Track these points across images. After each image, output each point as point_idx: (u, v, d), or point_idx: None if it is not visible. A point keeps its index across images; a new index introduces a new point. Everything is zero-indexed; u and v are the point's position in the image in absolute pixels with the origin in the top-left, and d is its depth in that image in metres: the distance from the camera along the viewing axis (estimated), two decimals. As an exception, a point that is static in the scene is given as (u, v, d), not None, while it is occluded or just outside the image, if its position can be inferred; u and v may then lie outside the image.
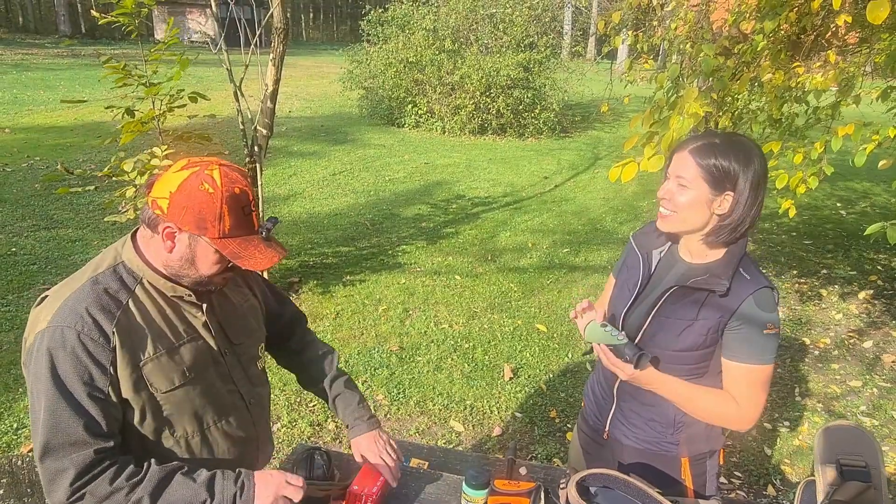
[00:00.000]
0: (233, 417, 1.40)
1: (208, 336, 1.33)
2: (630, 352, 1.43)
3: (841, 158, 3.92)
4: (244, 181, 1.21)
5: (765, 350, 1.42)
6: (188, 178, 1.16)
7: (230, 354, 1.39)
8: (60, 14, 32.57)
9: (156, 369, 1.23)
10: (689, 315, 1.46)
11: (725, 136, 1.44)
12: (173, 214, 1.17)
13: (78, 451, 1.14)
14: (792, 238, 6.53)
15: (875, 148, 2.73)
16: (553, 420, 3.36)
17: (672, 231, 1.51)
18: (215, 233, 1.18)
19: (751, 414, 1.46)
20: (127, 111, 3.75)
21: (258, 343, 1.50)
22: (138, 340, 1.21)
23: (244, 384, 1.43)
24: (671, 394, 1.49)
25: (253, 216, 1.23)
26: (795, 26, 3.12)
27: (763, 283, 1.42)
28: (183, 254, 1.21)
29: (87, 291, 1.19)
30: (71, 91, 13.70)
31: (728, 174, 1.39)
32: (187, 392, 1.28)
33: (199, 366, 1.31)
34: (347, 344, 4.04)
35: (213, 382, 1.34)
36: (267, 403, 1.56)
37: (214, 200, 1.16)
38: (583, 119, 13.87)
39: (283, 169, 8.48)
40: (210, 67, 14.12)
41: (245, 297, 1.49)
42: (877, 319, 4.65)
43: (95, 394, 1.16)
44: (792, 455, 3.14)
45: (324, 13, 58.40)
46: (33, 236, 5.52)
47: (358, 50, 13.38)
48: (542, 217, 7.01)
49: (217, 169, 1.19)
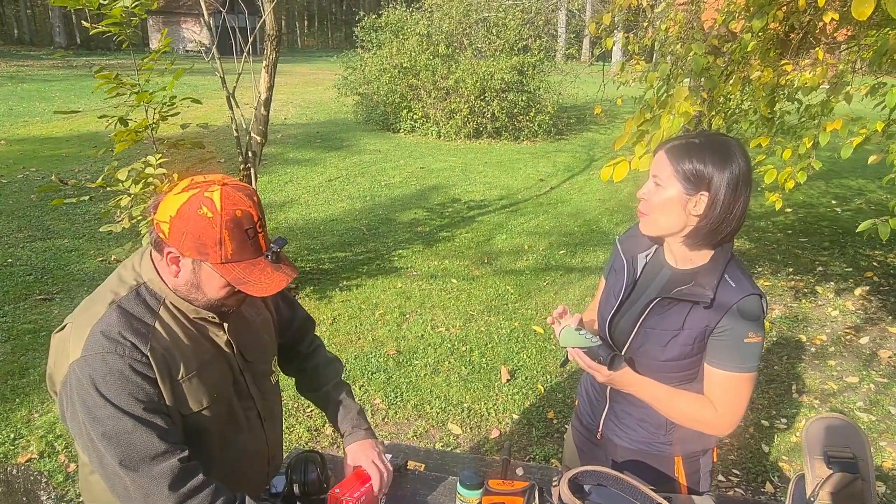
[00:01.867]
0: (248, 433, 1.39)
1: (230, 355, 1.33)
2: (604, 353, 1.42)
3: (834, 156, 3.94)
4: (247, 202, 1.15)
5: (745, 358, 1.40)
6: (187, 202, 1.12)
7: (248, 372, 1.38)
8: (56, 26, 32.65)
9: (189, 390, 1.22)
10: (675, 325, 1.45)
11: (707, 136, 1.42)
12: (174, 239, 1.14)
13: (162, 461, 1.13)
14: (787, 236, 6.54)
15: (863, 142, 2.75)
16: (551, 421, 3.36)
17: (650, 234, 1.50)
18: (217, 258, 1.14)
19: (728, 420, 1.45)
20: (120, 120, 3.75)
21: (271, 358, 1.49)
22: (171, 362, 1.20)
23: (259, 400, 1.42)
24: (649, 396, 1.49)
25: (259, 238, 1.17)
26: (783, 24, 3.13)
27: (748, 290, 1.39)
28: (188, 279, 1.19)
29: (116, 317, 1.17)
30: (66, 102, 13.71)
31: (702, 175, 1.36)
32: (213, 412, 1.27)
33: (222, 386, 1.30)
34: (344, 349, 4.05)
35: (233, 401, 1.34)
36: (279, 416, 1.56)
37: (214, 225, 1.11)
38: (578, 121, 13.91)
39: (279, 176, 8.49)
40: (205, 76, 14.15)
41: (258, 310, 1.46)
42: (873, 316, 4.66)
43: (153, 407, 1.15)
44: (789, 452, 3.15)
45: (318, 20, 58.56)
46: (29, 247, 5.52)
47: (352, 56, 13.41)
48: (538, 219, 7.02)
49: (218, 190, 1.13)
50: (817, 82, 2.93)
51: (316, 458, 1.48)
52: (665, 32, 3.98)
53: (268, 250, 1.19)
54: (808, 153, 2.97)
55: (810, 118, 3.56)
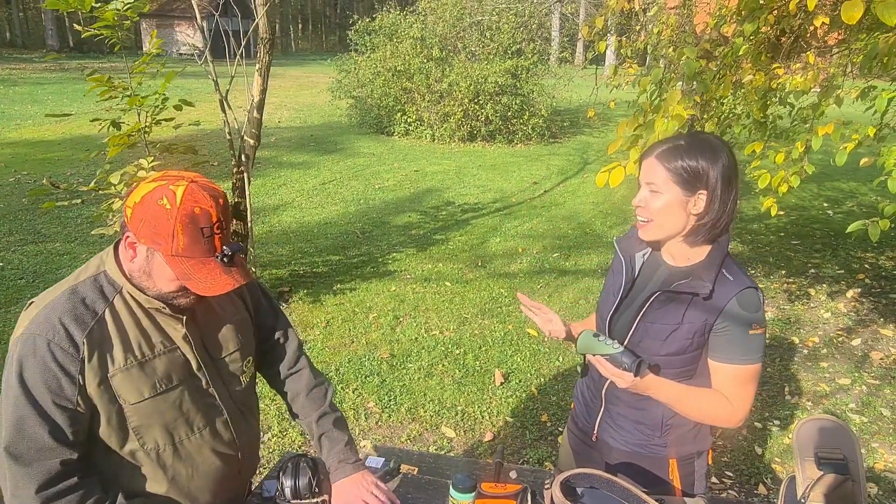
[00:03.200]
0: (210, 431, 1.36)
1: (187, 349, 1.31)
2: (628, 360, 1.40)
3: (826, 159, 3.96)
4: (210, 202, 1.17)
5: (751, 349, 1.42)
6: (152, 191, 1.15)
7: (211, 368, 1.36)
8: (48, 29, 32.53)
9: (125, 380, 1.21)
10: (675, 319, 1.46)
11: (690, 136, 1.45)
12: (134, 225, 1.16)
13: (43, 458, 1.14)
14: (780, 238, 6.57)
15: (856, 147, 2.76)
16: (544, 424, 3.36)
17: (653, 239, 1.51)
18: (168, 250, 1.15)
19: (742, 412, 1.47)
20: (112, 124, 3.74)
21: (244, 357, 1.45)
22: (109, 351, 1.20)
23: (225, 399, 1.39)
24: (667, 396, 1.49)
25: (215, 239, 1.18)
26: (775, 28, 3.15)
27: (746, 283, 1.42)
28: (142, 265, 1.20)
29: (64, 301, 1.19)
30: (59, 105, 13.66)
31: (697, 173, 1.39)
32: (157, 404, 1.26)
33: (172, 378, 1.28)
34: (338, 352, 4.04)
35: (188, 396, 1.31)
36: (253, 418, 1.51)
37: (169, 217, 1.13)
38: (571, 124, 13.95)
39: (273, 179, 8.48)
40: (199, 80, 14.12)
41: (237, 309, 1.45)
42: (865, 317, 4.68)
43: (62, 402, 1.16)
44: (782, 454, 3.15)
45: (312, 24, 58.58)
46: (21, 251, 5.49)
47: (346, 59, 13.42)
48: (531, 222, 7.03)
49: (184, 186, 1.16)
50: (808, 86, 2.94)
51: (308, 461, 1.47)
52: (657, 36, 4.00)
53: (221, 252, 1.19)
54: (800, 157, 2.98)
55: (802, 122, 3.58)
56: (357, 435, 3.23)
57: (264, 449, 3.08)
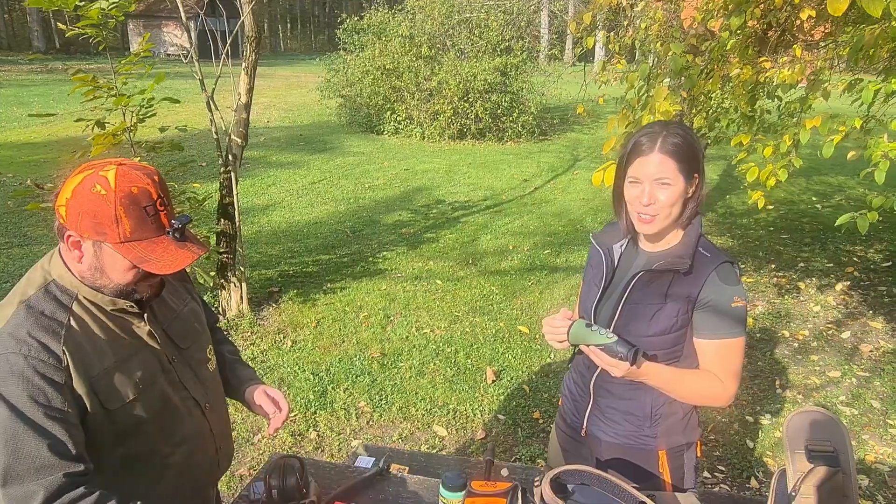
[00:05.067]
0: (189, 424, 1.35)
1: (154, 344, 1.29)
2: (623, 349, 1.38)
3: (814, 153, 3.98)
4: (146, 179, 1.13)
5: (735, 322, 1.45)
6: (81, 182, 1.10)
7: (179, 360, 1.34)
8: (34, 30, 32.23)
9: (108, 385, 1.18)
10: (658, 299, 1.48)
11: (672, 126, 1.47)
12: (72, 222, 1.11)
13: (46, 475, 1.07)
14: (770, 233, 6.60)
15: (843, 139, 2.77)
16: (536, 421, 3.35)
17: (659, 230, 1.51)
18: (115, 237, 1.11)
19: (733, 388, 1.49)
20: (97, 123, 3.70)
21: (206, 345, 1.45)
22: (87, 357, 1.16)
23: (197, 388, 1.38)
24: (661, 380, 1.49)
25: (161, 216, 1.14)
26: (761, 22, 3.16)
27: (723, 258, 1.47)
28: (91, 262, 1.15)
29: (23, 317, 1.13)
30: (45, 107, 13.52)
31: (697, 159, 1.46)
32: (142, 405, 1.23)
33: (149, 377, 1.26)
34: (328, 352, 4.01)
35: (166, 392, 1.29)
36: (224, 403, 1.53)
37: (108, 202, 1.08)
38: (561, 121, 13.95)
39: (262, 179, 8.43)
40: (186, 80, 14.01)
41: (184, 300, 1.43)
42: (854, 310, 4.70)
43: (54, 414, 1.10)
44: (774, 447, 3.16)
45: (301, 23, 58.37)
46: (6, 254, 5.43)
47: (335, 58, 13.37)
48: (522, 220, 7.03)
49: (114, 169, 1.11)
50: (796, 79, 2.95)
51: (295, 462, 1.45)
52: (645, 31, 4.00)
53: (170, 227, 1.16)
54: (788, 150, 2.99)
55: (789, 115, 3.59)
56: (348, 435, 3.22)
57: (254, 450, 3.06)
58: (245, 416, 3.29)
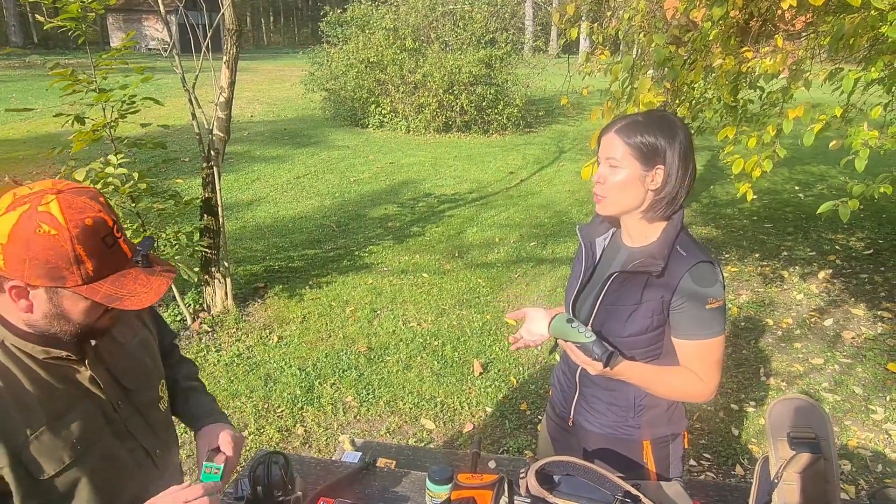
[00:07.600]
0: (139, 478, 1.20)
1: (98, 392, 1.13)
2: (599, 350, 1.38)
3: (797, 143, 4.00)
4: (95, 206, 0.98)
5: (711, 323, 1.43)
6: (18, 223, 0.92)
7: (125, 405, 1.18)
8: (10, 25, 31.68)
9: (38, 451, 1.02)
10: (633, 300, 1.48)
11: (647, 113, 1.48)
12: (14, 270, 0.94)
13: None
14: (753, 222, 6.65)
15: (824, 128, 2.79)
16: (524, 413, 3.36)
17: (611, 214, 1.53)
18: (77, 280, 0.96)
19: (712, 385, 1.48)
20: (77, 119, 3.65)
21: (157, 382, 1.29)
22: (9, 420, 0.99)
23: (147, 436, 1.23)
24: (639, 378, 1.49)
25: (121, 244, 1.01)
26: (743, 12, 3.16)
27: (699, 257, 1.42)
28: (46, 311, 1.00)
29: None
30: (23, 103, 13.31)
31: (656, 148, 1.42)
32: (82, 467, 1.08)
33: (90, 434, 1.10)
34: (315, 347, 4.00)
35: (110, 447, 1.14)
36: (175, 445, 1.38)
37: (62, 242, 0.93)
38: (546, 114, 13.97)
39: (246, 174, 8.37)
40: (168, 74, 13.85)
41: (134, 330, 1.27)
42: (836, 298, 4.76)
43: None
44: (758, 434, 3.19)
45: (284, 17, 57.91)
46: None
47: (319, 52, 13.27)
48: (508, 212, 7.03)
49: (54, 200, 0.94)
50: (777, 69, 2.96)
51: (280, 459, 1.44)
52: (628, 22, 3.99)
53: (134, 255, 1.04)
54: (772, 141, 3.00)
55: (771, 105, 3.61)
56: (335, 430, 3.21)
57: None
58: (231, 413, 3.28)
